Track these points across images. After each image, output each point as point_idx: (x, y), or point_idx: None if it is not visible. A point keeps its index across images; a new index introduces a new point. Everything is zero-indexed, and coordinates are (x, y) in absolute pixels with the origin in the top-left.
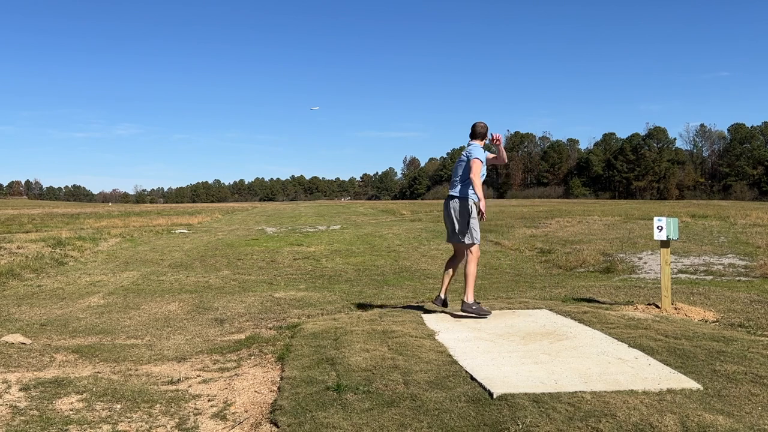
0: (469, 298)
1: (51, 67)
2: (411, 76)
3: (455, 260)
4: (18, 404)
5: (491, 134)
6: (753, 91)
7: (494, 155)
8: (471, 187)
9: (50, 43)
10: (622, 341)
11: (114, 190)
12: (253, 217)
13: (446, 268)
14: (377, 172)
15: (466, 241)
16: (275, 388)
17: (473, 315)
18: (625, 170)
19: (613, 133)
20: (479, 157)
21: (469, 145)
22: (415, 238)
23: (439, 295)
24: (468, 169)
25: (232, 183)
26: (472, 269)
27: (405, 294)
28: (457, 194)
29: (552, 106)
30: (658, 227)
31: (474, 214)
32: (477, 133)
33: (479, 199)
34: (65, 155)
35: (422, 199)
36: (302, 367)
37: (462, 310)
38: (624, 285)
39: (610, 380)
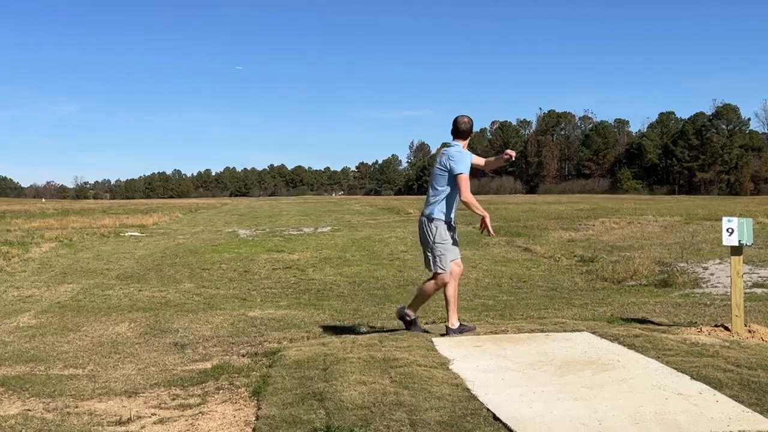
0: (454, 322)
1: None
2: (420, 43)
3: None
4: None
5: (506, 152)
6: None
7: (485, 160)
8: (443, 205)
9: None
10: (682, 372)
11: (48, 183)
12: (222, 216)
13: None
14: (377, 161)
15: (436, 270)
16: (249, 430)
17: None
18: (686, 159)
19: (672, 113)
20: (463, 171)
21: (447, 146)
22: None
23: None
24: (450, 184)
25: (195, 174)
26: (451, 290)
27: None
28: (425, 213)
29: (596, 79)
30: (728, 230)
31: (442, 236)
32: (460, 131)
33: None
34: None
35: None
36: (283, 403)
37: (448, 335)
38: (685, 302)
39: (669, 421)
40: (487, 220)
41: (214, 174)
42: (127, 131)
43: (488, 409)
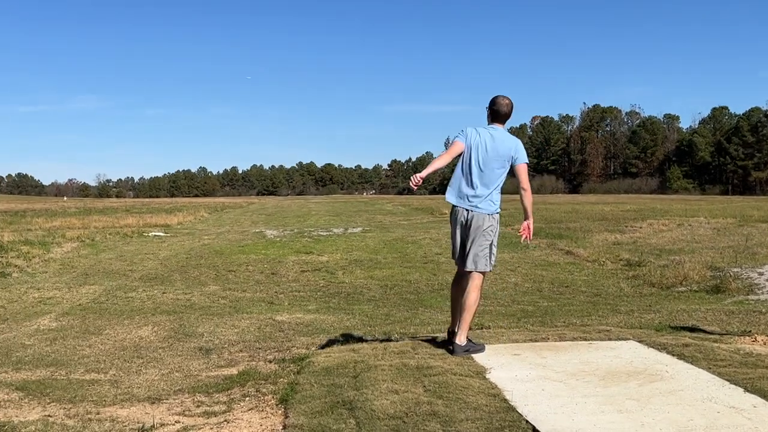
0: (463, 338)
1: None
2: (456, 33)
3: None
4: None
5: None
6: None
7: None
8: (499, 197)
9: None
10: (735, 384)
11: (70, 180)
12: (249, 216)
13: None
14: (410, 159)
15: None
16: None
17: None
18: (741, 157)
19: (726, 108)
20: (526, 160)
21: (492, 130)
22: None
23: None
24: (504, 175)
25: (221, 172)
26: (473, 299)
27: (447, 318)
28: (483, 207)
29: (644, 72)
30: None
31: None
32: (501, 114)
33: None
34: (7, 135)
35: None
36: (312, 412)
37: (454, 353)
38: (739, 309)
39: None
40: (531, 224)
41: (240, 172)
42: (151, 128)
43: (527, 421)
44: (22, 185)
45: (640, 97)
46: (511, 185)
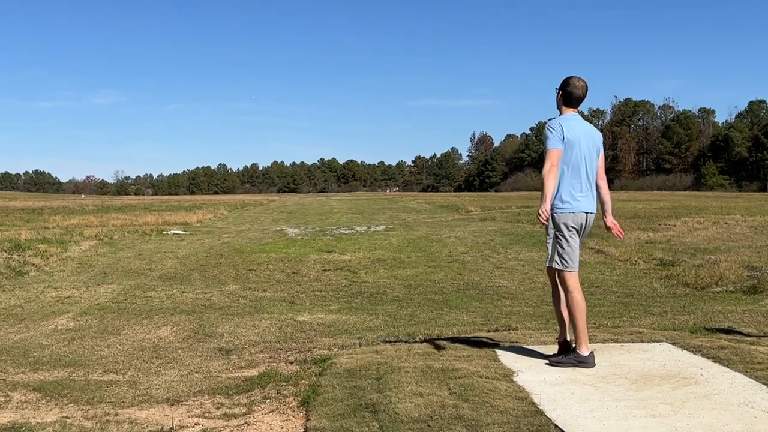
0: (583, 349)
1: (10, 19)
2: (481, 26)
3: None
4: None
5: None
6: None
7: None
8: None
9: None
10: None
11: (88, 177)
12: (270, 214)
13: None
14: (435, 155)
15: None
16: None
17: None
18: None
19: (763, 101)
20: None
21: (575, 117)
22: (486, 244)
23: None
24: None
25: (241, 169)
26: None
27: (472, 319)
28: (594, 207)
29: (678, 65)
30: None
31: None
32: (576, 97)
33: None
34: (26, 132)
35: (496, 191)
36: (334, 415)
37: (552, 362)
38: None
39: None
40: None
41: (261, 169)
42: (171, 124)
43: (556, 426)
44: (40, 182)
45: (674, 90)
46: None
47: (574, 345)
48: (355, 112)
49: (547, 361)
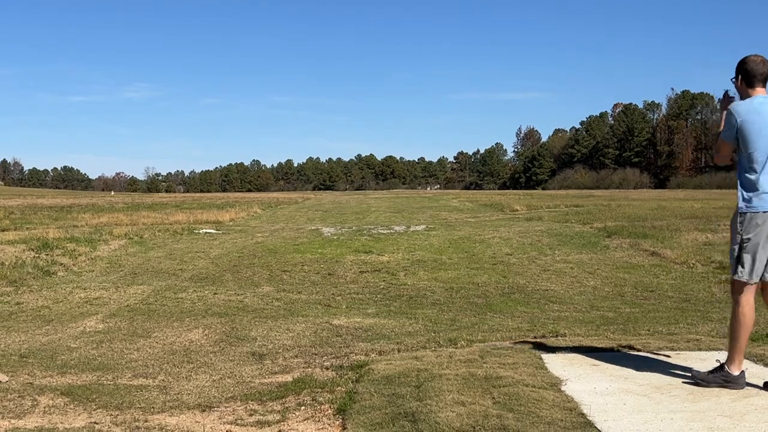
0: (733, 368)
1: (42, 12)
2: (529, 13)
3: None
4: None
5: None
6: None
7: None
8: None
9: None
10: None
11: (118, 174)
12: (305, 212)
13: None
14: (478, 151)
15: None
16: None
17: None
18: None
19: None
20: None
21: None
22: (533, 245)
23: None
24: None
25: (276, 165)
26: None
27: (518, 325)
28: None
29: (738, 52)
30: None
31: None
32: (759, 74)
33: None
34: (55, 127)
35: (543, 189)
36: (371, 423)
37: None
38: None
39: None
40: None
41: (296, 165)
42: (203, 119)
43: None
44: (68, 179)
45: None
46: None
47: (723, 362)
48: (395, 106)
49: (690, 379)
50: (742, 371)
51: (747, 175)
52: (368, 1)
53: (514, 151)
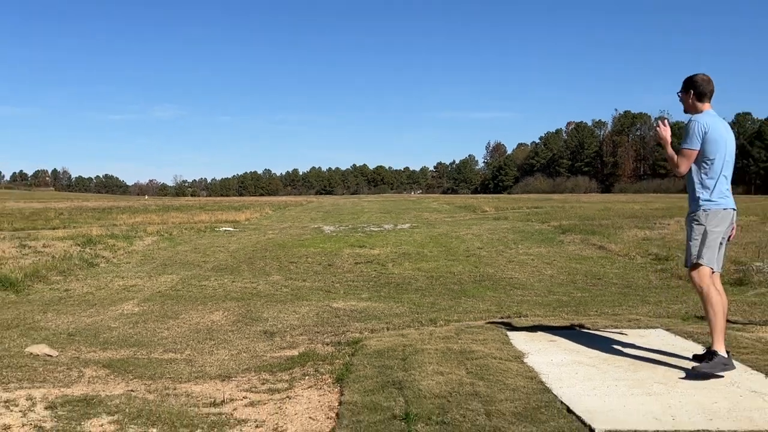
0: (722, 349)
1: (85, 41)
2: (496, 46)
3: None
4: (43, 424)
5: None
6: None
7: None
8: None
9: (84, 13)
10: (757, 370)
11: (151, 180)
12: (308, 213)
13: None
14: (454, 161)
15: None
16: (333, 415)
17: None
18: (762, 159)
19: (749, 113)
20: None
21: (714, 114)
22: (500, 240)
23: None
24: None
25: (284, 173)
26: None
27: (487, 307)
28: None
29: (671, 79)
30: None
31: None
32: (708, 92)
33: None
34: (98, 141)
35: (509, 193)
36: (365, 390)
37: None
38: (761, 301)
39: (742, 418)
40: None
41: (301, 173)
42: (223, 133)
43: (562, 402)
44: (109, 185)
45: (668, 103)
46: (534, 185)
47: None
48: (385, 123)
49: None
50: (728, 351)
51: (708, 178)
52: (364, 36)
53: (484, 161)
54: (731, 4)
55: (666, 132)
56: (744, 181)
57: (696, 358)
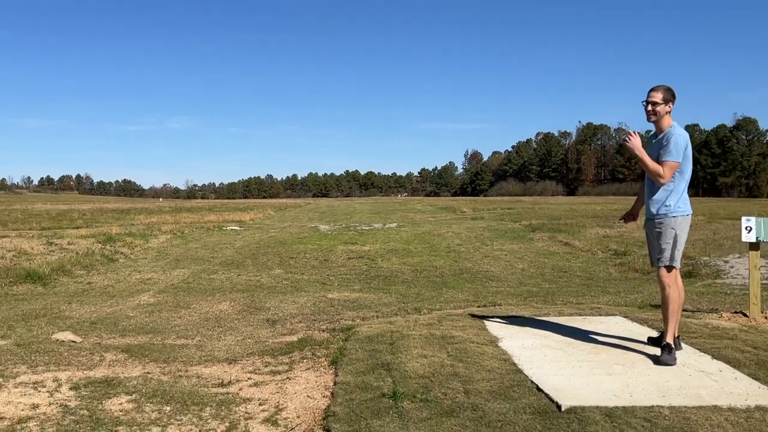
0: (672, 340)
1: (108, 58)
2: (475, 65)
3: None
4: (68, 403)
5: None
6: None
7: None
8: None
9: (109, 36)
10: (704, 352)
11: (165, 185)
12: (306, 213)
13: None
14: (436, 167)
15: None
16: (328, 394)
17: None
18: (709, 165)
19: (697, 125)
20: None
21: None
22: (477, 238)
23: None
24: None
25: (284, 178)
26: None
27: (466, 297)
28: None
29: (629, 95)
30: (746, 228)
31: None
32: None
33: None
34: (117, 149)
35: (485, 196)
36: (356, 372)
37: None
38: (707, 291)
39: (691, 394)
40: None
41: (300, 178)
42: (230, 143)
43: (532, 381)
44: (127, 189)
45: (626, 116)
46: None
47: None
48: (375, 133)
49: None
50: (678, 336)
51: (679, 186)
52: (357, 55)
53: (462, 167)
54: (681, 23)
55: (638, 143)
56: (693, 185)
57: (651, 340)
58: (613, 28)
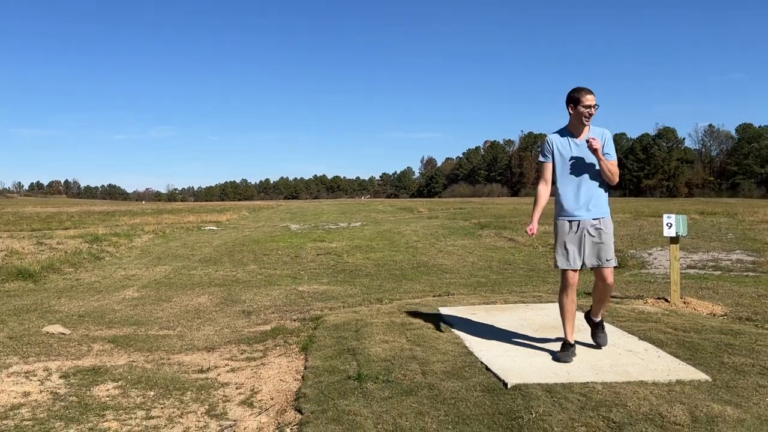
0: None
1: (97, 71)
2: (431, 79)
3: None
4: (58, 391)
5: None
6: (761, 92)
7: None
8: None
9: (96, 49)
10: (632, 334)
11: (147, 189)
12: (278, 214)
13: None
14: (396, 172)
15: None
16: (299, 377)
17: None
18: (635, 169)
19: (624, 134)
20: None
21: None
22: (432, 235)
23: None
24: None
25: (258, 182)
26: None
27: (422, 288)
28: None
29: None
30: (667, 224)
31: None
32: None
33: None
34: (104, 156)
35: (439, 197)
36: (325, 357)
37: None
38: (634, 280)
39: (621, 371)
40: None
41: (272, 182)
42: (209, 150)
43: (482, 362)
44: (112, 193)
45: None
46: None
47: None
48: (342, 141)
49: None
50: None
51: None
52: (324, 71)
53: (419, 172)
54: (611, 40)
55: (600, 146)
56: (620, 187)
57: (586, 316)
58: (554, 46)
